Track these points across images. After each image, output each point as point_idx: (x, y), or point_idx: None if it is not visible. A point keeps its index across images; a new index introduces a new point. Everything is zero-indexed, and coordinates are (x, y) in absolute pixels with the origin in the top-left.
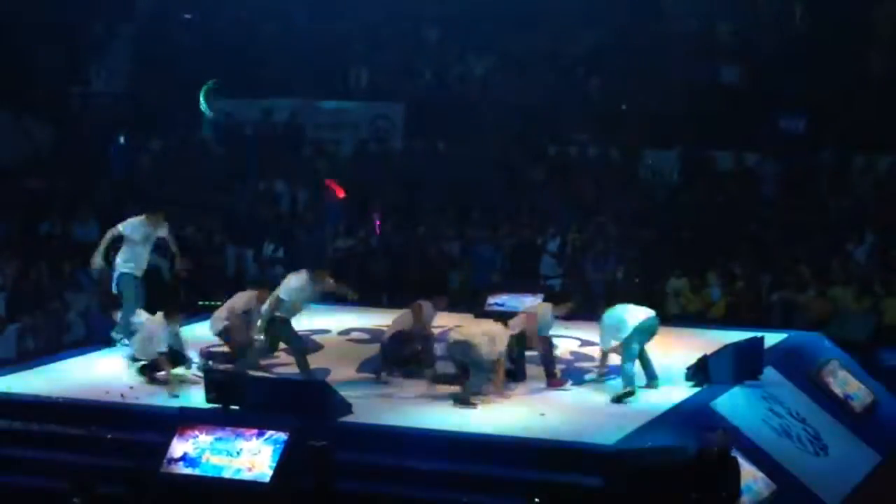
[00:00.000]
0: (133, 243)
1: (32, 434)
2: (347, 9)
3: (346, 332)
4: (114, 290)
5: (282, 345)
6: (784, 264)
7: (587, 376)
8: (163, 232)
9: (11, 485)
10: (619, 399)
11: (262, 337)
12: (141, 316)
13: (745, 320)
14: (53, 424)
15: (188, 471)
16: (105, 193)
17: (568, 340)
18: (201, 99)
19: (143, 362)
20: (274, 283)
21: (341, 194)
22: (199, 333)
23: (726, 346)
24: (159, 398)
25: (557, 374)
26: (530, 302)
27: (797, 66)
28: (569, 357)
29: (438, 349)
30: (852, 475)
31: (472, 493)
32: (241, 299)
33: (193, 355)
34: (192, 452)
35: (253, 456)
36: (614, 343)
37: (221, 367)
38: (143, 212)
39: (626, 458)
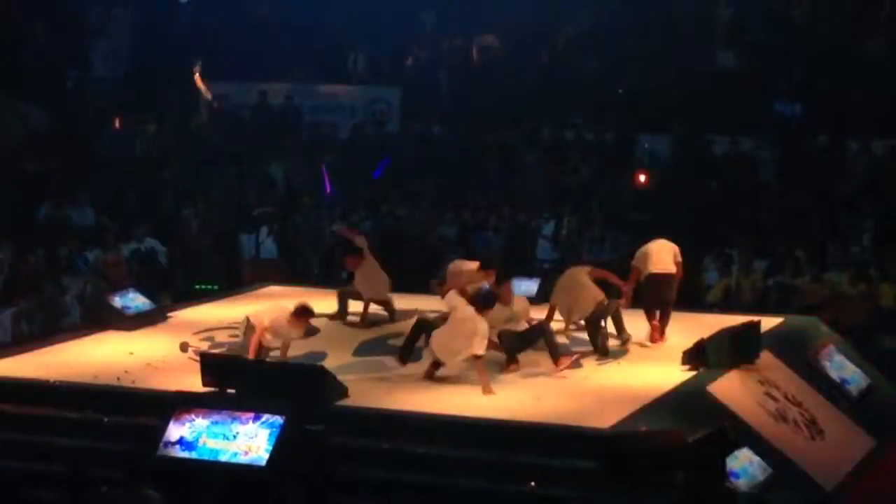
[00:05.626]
0: None
1: (28, 418)
2: None
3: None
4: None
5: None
6: (781, 248)
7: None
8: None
9: (7, 468)
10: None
11: None
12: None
13: (741, 304)
14: (49, 408)
15: (185, 454)
16: (102, 177)
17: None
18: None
19: None
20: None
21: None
22: (194, 316)
23: (722, 330)
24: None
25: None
26: (527, 285)
27: (794, 51)
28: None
29: None
30: (848, 459)
31: (469, 477)
32: None
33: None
34: (188, 436)
35: (249, 439)
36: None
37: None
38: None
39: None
